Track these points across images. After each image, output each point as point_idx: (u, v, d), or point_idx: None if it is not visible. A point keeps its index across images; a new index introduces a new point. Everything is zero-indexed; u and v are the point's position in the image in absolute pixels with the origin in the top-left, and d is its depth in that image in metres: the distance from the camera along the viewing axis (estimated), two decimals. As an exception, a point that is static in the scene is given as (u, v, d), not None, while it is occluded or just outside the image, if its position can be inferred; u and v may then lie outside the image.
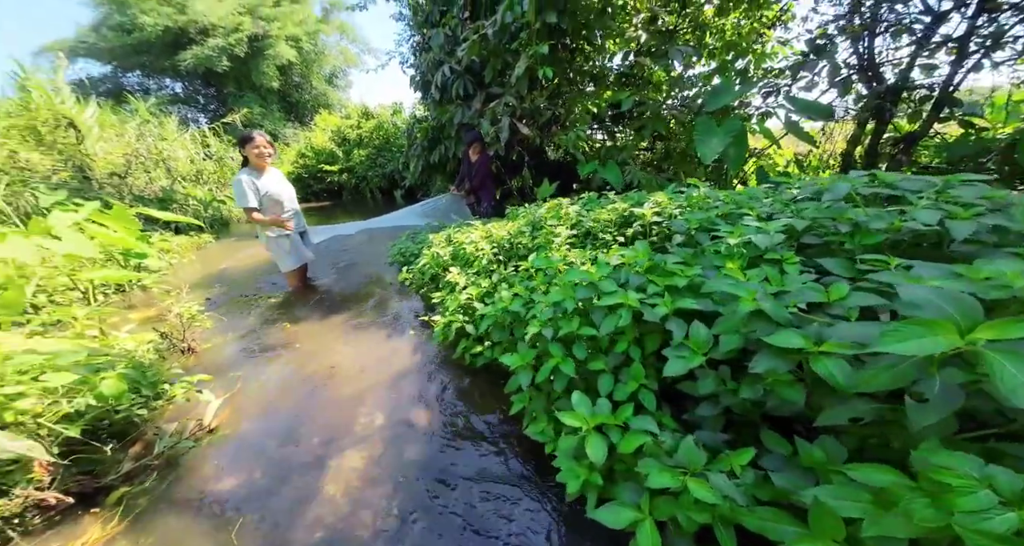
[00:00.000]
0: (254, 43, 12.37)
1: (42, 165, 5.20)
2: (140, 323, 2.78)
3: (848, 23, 3.04)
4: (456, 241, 2.42)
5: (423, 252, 2.64)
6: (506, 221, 2.88)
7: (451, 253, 2.34)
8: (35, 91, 5.32)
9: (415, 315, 2.58)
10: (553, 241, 1.76)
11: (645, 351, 1.10)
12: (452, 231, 2.72)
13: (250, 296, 3.18)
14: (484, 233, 2.27)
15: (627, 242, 1.69)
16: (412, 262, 2.93)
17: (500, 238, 2.12)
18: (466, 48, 3.81)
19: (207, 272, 3.86)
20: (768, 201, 1.43)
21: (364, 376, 1.99)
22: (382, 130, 9.71)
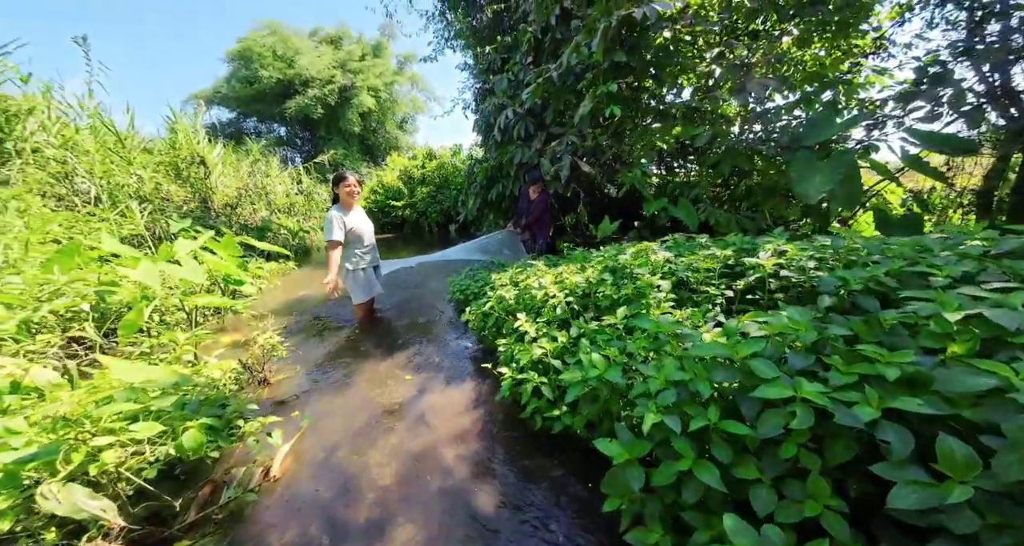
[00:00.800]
0: (343, 93, 13.85)
1: (177, 196, 5.97)
2: (228, 347, 2.86)
3: (968, 48, 2.58)
4: (522, 284, 2.22)
5: (486, 293, 2.47)
6: (569, 263, 2.66)
7: (516, 296, 2.14)
8: (180, 132, 6.22)
9: (475, 359, 2.37)
10: (648, 293, 1.49)
11: (827, 461, 0.78)
12: (515, 272, 2.54)
13: (322, 325, 3.21)
14: (554, 277, 2.04)
15: (736, 298, 1.38)
16: (471, 301, 2.77)
17: (574, 284, 1.88)
18: (530, 91, 3.80)
19: (288, 299, 4.02)
20: (946, 255, 1.07)
21: (425, 427, 1.78)
22: (442, 169, 10.19)
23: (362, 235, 2.92)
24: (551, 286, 1.86)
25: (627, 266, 1.77)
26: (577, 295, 1.84)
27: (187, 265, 2.81)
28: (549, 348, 1.54)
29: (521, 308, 2.04)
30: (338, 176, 2.88)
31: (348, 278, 2.94)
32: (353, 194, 2.87)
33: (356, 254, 2.92)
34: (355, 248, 2.91)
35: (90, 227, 4.23)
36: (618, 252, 2.12)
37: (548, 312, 1.76)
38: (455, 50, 8.64)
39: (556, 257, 3.61)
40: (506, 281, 2.41)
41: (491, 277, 2.71)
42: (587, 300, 1.83)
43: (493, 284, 2.52)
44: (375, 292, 3.07)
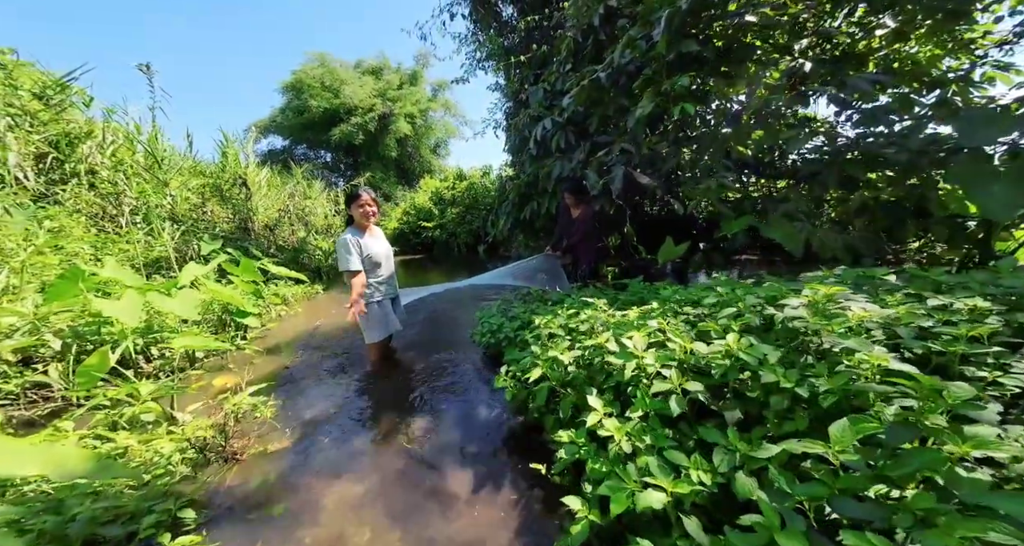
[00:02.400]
0: (382, 120, 14.12)
1: (219, 217, 5.87)
2: (217, 395, 2.34)
3: None
4: (588, 340, 1.48)
5: (526, 342, 1.79)
6: (629, 298, 1.93)
7: (579, 360, 1.43)
8: (230, 156, 6.21)
9: (514, 445, 1.64)
10: (870, 390, 0.74)
11: None
12: (566, 312, 1.85)
13: (329, 367, 2.64)
14: (646, 334, 1.30)
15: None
16: (505, 348, 2.10)
17: (691, 354, 1.15)
18: (573, 95, 3.21)
19: (303, 329, 3.53)
20: None
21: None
22: (472, 190, 9.86)
23: (379, 262, 2.38)
24: (647, 354, 1.15)
25: (802, 326, 1.02)
26: (700, 373, 1.11)
27: (180, 296, 2.36)
28: (668, 486, 0.81)
29: (590, 382, 1.32)
30: (351, 194, 2.37)
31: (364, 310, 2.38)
32: (368, 215, 2.35)
33: (370, 285, 2.37)
34: (369, 277, 2.36)
35: (119, 249, 4.03)
36: (736, 295, 1.38)
37: (646, 400, 1.05)
38: (486, 71, 8.37)
39: (604, 286, 2.89)
40: (555, 327, 1.72)
41: (531, 317, 2.03)
42: (709, 379, 1.09)
43: (535, 327, 1.84)
44: (392, 329, 2.48)
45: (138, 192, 4.58)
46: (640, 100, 2.83)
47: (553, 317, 1.83)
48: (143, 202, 4.60)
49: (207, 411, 1.96)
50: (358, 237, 2.30)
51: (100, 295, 2.76)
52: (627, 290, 2.54)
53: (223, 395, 1.93)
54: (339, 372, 2.55)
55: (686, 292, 1.78)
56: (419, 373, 2.43)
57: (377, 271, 2.38)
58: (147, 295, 2.25)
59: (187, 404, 2.00)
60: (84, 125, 4.93)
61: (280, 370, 2.60)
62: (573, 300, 2.15)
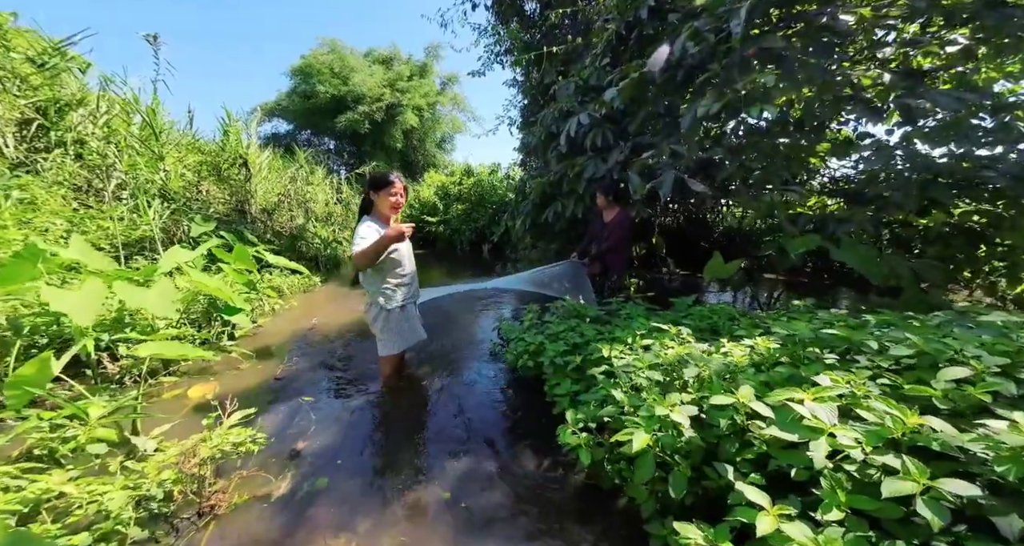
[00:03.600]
0: (389, 111, 13.57)
1: (213, 196, 5.36)
2: (194, 409, 1.92)
3: None
4: (710, 390, 1.04)
5: (609, 396, 1.34)
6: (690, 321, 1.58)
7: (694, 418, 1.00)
8: (232, 135, 5.71)
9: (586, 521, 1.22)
10: None
11: None
12: (639, 341, 1.47)
13: (329, 379, 2.23)
14: (820, 397, 0.85)
15: None
16: (545, 372, 1.73)
17: (920, 431, 0.74)
18: (620, 89, 2.84)
19: (297, 328, 3.09)
20: None
21: None
22: (479, 187, 9.45)
23: (402, 259, 1.97)
24: (844, 429, 0.75)
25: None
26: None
27: (158, 288, 1.93)
28: None
29: (711, 449, 0.93)
30: (380, 178, 1.91)
31: (378, 318, 1.98)
32: (398, 206, 1.96)
33: (390, 285, 1.95)
34: (390, 276, 1.94)
35: (97, 226, 3.53)
36: (947, 346, 1.00)
37: (840, 496, 0.67)
38: (503, 66, 7.95)
39: (641, 301, 2.53)
40: (642, 366, 1.29)
41: (581, 340, 1.66)
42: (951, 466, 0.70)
43: (600, 359, 1.45)
44: (414, 340, 2.06)
45: (128, 165, 4.06)
46: (696, 99, 2.48)
47: (631, 351, 1.45)
48: (132, 176, 4.09)
49: (181, 430, 1.55)
50: (380, 227, 1.90)
51: (65, 280, 2.31)
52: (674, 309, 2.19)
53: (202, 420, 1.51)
54: (341, 388, 2.15)
55: (787, 324, 1.42)
56: (441, 397, 2.03)
57: (399, 270, 1.97)
58: (116, 284, 1.82)
59: (154, 424, 1.58)
60: (77, 92, 4.41)
61: (269, 382, 2.19)
62: (633, 322, 1.79)
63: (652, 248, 3.56)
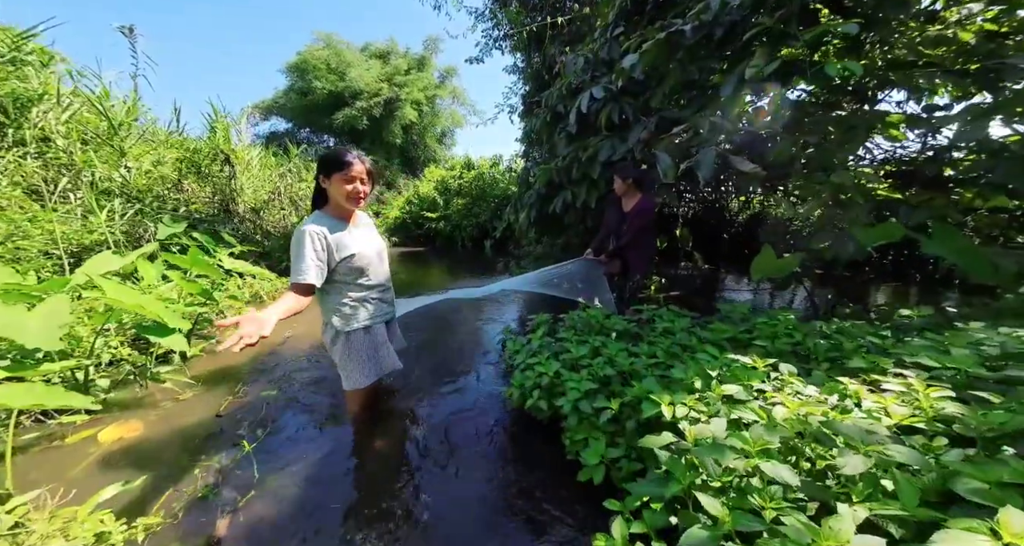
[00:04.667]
0: (387, 106, 13.03)
1: (196, 196, 4.89)
2: (101, 460, 1.43)
3: None
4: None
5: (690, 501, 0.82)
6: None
7: None
8: (220, 131, 5.23)
9: None
10: None
11: None
12: (747, 393, 0.92)
13: (290, 416, 1.72)
14: None
15: None
16: (564, 417, 1.20)
17: None
18: (643, 53, 2.27)
19: (266, 343, 2.59)
20: None
21: None
22: (480, 180, 8.89)
23: (363, 266, 1.42)
24: None
25: None
26: None
27: (44, 311, 1.42)
28: None
29: None
30: (331, 158, 1.35)
31: (335, 343, 1.45)
32: (356, 195, 1.36)
33: (352, 300, 1.43)
34: (350, 289, 1.42)
35: (42, 229, 3.05)
36: None
37: None
38: (503, 52, 7.34)
39: (675, 308, 1.98)
40: (754, 447, 0.74)
41: (647, 392, 1.11)
42: None
43: (686, 447, 0.91)
44: (385, 370, 1.53)
45: (82, 161, 3.57)
46: (740, 61, 1.92)
47: (704, 402, 0.90)
48: (88, 173, 3.59)
49: (85, 486, 1.06)
50: (327, 229, 1.34)
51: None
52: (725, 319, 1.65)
53: (140, 449, 1.01)
54: (299, 428, 1.63)
55: (937, 350, 0.88)
56: (427, 446, 1.50)
57: (362, 279, 1.43)
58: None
59: (47, 472, 1.09)
60: (39, 87, 3.91)
61: (209, 420, 1.68)
62: (675, 338, 1.25)
63: (675, 241, 3.01)
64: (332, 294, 1.41)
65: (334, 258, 1.34)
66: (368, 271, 1.43)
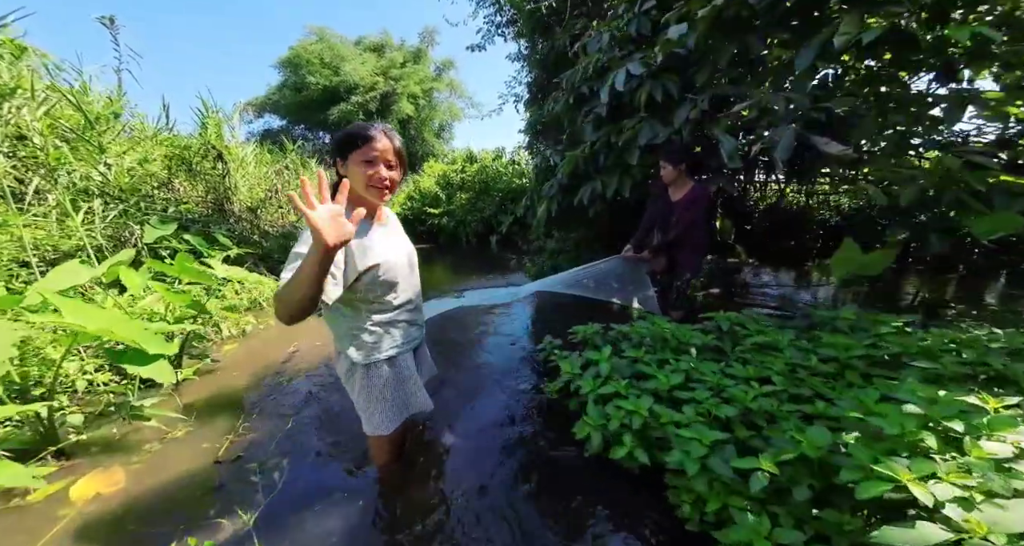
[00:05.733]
0: (384, 100, 12.52)
1: (188, 195, 4.49)
2: (70, 528, 1.09)
3: None
4: None
5: None
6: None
7: None
8: (211, 127, 4.80)
9: None
10: None
11: None
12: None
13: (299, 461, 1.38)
14: None
15: None
16: (676, 467, 0.86)
17: None
18: (700, 18, 1.91)
19: (271, 357, 2.25)
20: None
21: None
22: (483, 174, 8.49)
23: (393, 280, 1.07)
24: None
25: None
26: None
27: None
28: None
29: None
30: (349, 136, 1.00)
31: (352, 377, 1.11)
32: (381, 181, 0.99)
33: (374, 324, 1.08)
34: (373, 310, 1.07)
35: (10, 234, 2.66)
36: None
37: None
38: (506, 38, 6.88)
39: (760, 312, 1.65)
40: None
41: (855, 460, 0.76)
42: None
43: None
44: (414, 410, 1.19)
45: (54, 158, 3.14)
46: (822, 29, 1.57)
47: (965, 469, 0.58)
48: (63, 172, 3.18)
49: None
50: (360, 231, 1.00)
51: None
52: (854, 332, 1.33)
53: None
54: (316, 488, 1.29)
55: None
56: (483, 503, 1.17)
57: (389, 295, 1.07)
58: None
59: None
60: (12, 81, 3.46)
61: (206, 469, 1.34)
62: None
63: (720, 234, 2.70)
64: (349, 316, 1.06)
65: (355, 268, 0.98)
66: (398, 286, 1.08)
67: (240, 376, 1.98)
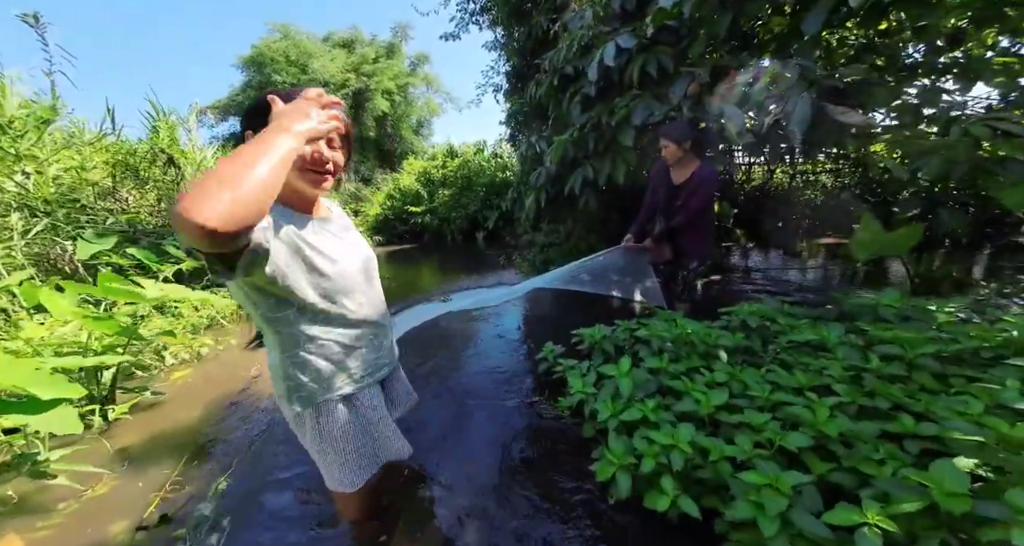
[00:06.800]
0: (357, 97, 11.90)
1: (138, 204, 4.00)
2: None
3: None
4: None
5: None
6: None
7: None
8: (163, 131, 4.27)
9: None
10: None
11: None
12: None
13: (247, 523, 1.08)
14: None
15: None
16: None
17: None
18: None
19: (227, 386, 1.89)
20: None
21: None
22: (466, 168, 8.14)
23: (343, 291, 0.78)
24: None
25: None
26: None
27: None
28: None
29: None
30: (269, 101, 0.65)
31: (301, 425, 0.82)
32: (320, 164, 0.71)
33: (320, 351, 0.78)
34: (318, 330, 0.76)
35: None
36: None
37: None
38: (480, 27, 6.53)
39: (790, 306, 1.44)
40: None
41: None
42: None
43: None
44: (388, 458, 0.89)
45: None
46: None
47: None
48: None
49: None
50: (288, 224, 0.70)
51: None
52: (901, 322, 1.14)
53: None
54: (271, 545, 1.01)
55: None
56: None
57: (337, 309, 0.78)
58: None
59: None
60: None
61: (121, 542, 1.03)
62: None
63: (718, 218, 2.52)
64: (286, 340, 0.76)
65: (283, 272, 0.68)
66: (349, 298, 0.79)
67: (187, 410, 1.65)
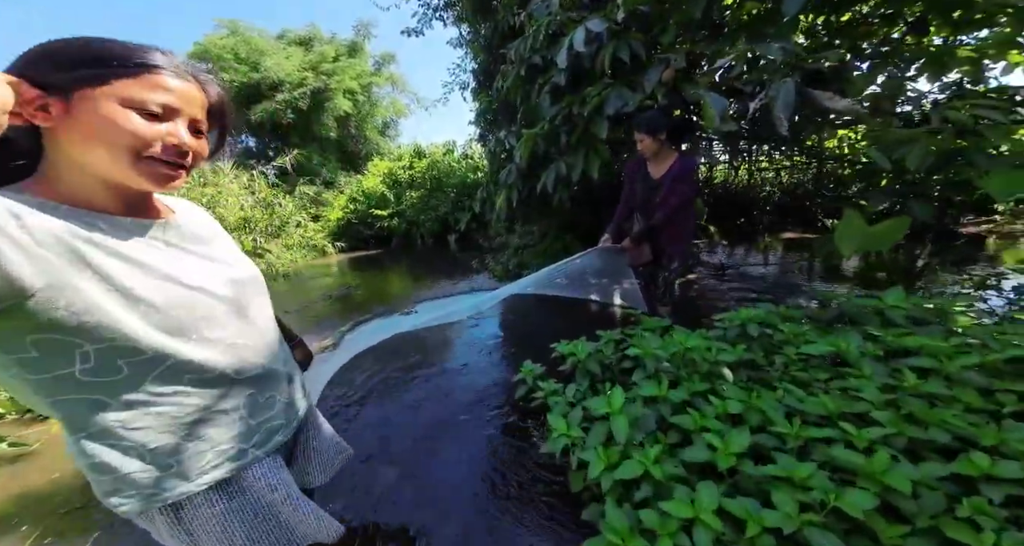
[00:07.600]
0: (316, 96, 11.13)
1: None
2: None
3: None
4: None
5: None
6: None
7: None
8: None
9: None
10: None
11: None
12: None
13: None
14: None
15: None
16: None
17: None
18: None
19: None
20: None
21: None
22: (434, 169, 7.79)
23: (190, 323, 0.47)
24: None
25: None
26: None
27: None
28: None
29: None
30: (114, 50, 0.40)
31: (158, 519, 0.51)
32: (176, 150, 0.44)
33: (159, 416, 0.47)
34: (147, 380, 0.45)
35: None
36: None
37: None
38: (445, 23, 6.25)
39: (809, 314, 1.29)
40: None
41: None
42: None
43: None
44: (310, 541, 0.62)
45: None
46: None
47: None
48: None
49: None
50: (72, 231, 0.40)
51: None
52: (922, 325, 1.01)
53: None
54: None
55: None
56: None
57: (181, 356, 0.47)
58: None
59: None
60: None
61: None
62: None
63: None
64: (80, 415, 0.44)
65: (71, 305, 0.39)
66: (200, 340, 0.49)
67: (55, 465, 1.24)
